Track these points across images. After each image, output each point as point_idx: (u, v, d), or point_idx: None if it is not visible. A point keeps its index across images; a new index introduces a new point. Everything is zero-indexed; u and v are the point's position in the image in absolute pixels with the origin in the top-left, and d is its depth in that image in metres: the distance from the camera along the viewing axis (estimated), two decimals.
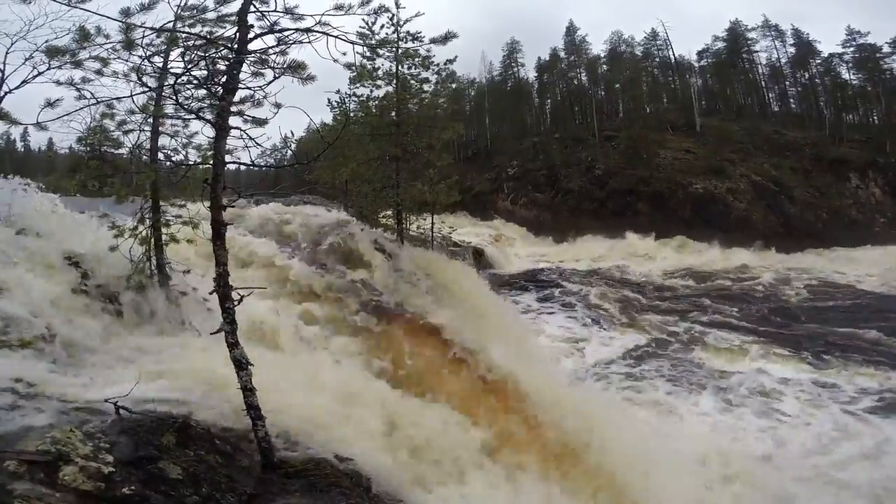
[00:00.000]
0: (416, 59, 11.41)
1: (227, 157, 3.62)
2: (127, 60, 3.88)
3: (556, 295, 20.37)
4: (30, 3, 3.30)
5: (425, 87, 12.19)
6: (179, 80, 3.60)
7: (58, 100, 3.77)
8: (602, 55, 44.86)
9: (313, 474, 3.89)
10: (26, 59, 3.83)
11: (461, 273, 11.53)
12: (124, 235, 5.67)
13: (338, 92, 13.97)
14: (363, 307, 8.39)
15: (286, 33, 3.55)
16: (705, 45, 44.02)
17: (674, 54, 44.58)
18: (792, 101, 41.51)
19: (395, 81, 11.53)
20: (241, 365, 3.63)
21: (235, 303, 3.57)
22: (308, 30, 3.53)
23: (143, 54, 3.66)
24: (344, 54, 3.63)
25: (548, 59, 45.31)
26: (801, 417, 9.93)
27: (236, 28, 3.50)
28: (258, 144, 3.47)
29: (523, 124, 44.23)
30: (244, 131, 3.43)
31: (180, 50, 3.73)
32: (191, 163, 5.42)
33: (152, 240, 6.02)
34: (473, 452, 6.04)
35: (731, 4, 79.57)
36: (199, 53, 3.54)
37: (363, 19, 7.85)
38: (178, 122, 5.73)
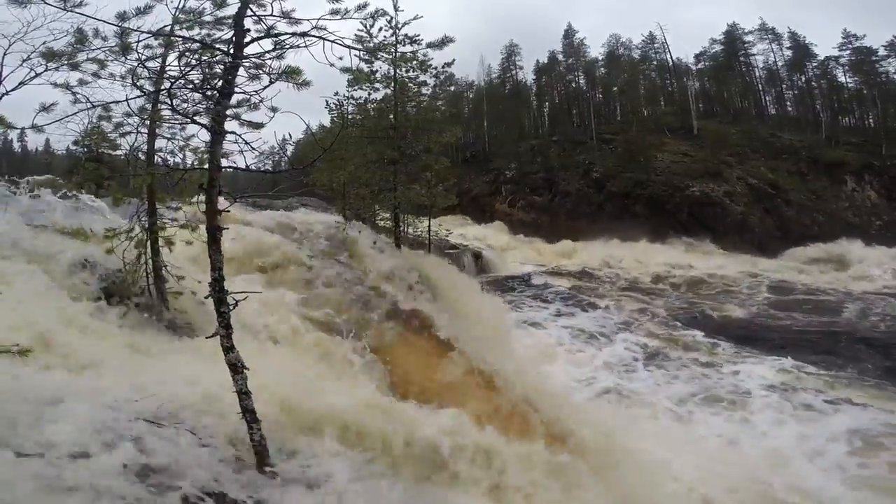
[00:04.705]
0: (414, 63, 11.45)
1: (224, 162, 3.61)
2: (124, 63, 3.87)
3: (554, 297, 20.37)
4: (25, 6, 3.28)
5: (423, 90, 12.22)
6: (175, 84, 3.60)
7: (53, 104, 3.75)
8: (600, 58, 45.01)
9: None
10: (24, 61, 3.81)
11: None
12: (120, 238, 5.65)
13: (335, 94, 13.98)
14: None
15: (283, 38, 3.55)
16: (703, 49, 44.30)
17: (671, 57, 44.83)
18: (788, 104, 41.77)
19: (392, 84, 11.56)
20: (237, 369, 3.62)
21: (231, 307, 3.56)
22: (304, 34, 3.53)
23: (139, 58, 3.65)
24: (340, 59, 3.63)
25: (546, 62, 45.45)
26: None
27: (232, 32, 3.50)
28: (254, 149, 3.46)
29: (521, 127, 44.29)
30: (240, 136, 3.42)
31: (176, 54, 3.72)
32: (187, 166, 5.41)
33: (148, 242, 6.02)
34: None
35: (729, 9, 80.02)
36: (195, 58, 3.54)
37: (361, 23, 7.87)
38: (175, 125, 5.74)
